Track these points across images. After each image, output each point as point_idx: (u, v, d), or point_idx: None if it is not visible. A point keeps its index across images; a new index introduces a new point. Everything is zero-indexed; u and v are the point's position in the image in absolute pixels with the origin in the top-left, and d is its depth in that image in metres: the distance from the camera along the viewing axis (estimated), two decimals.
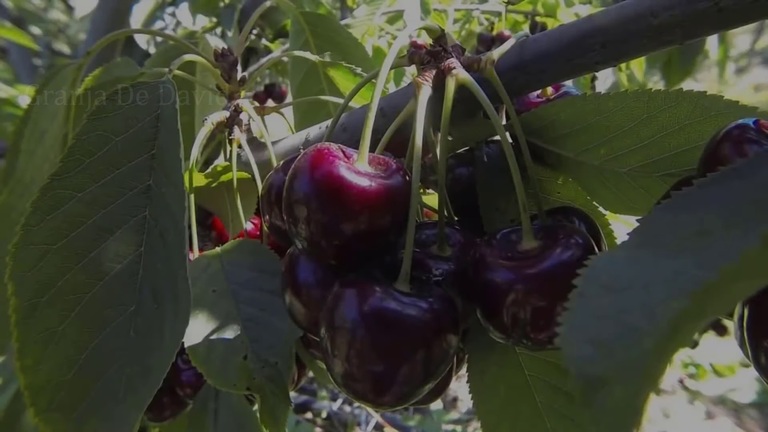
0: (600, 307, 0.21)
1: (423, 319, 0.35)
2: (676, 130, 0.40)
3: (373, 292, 0.35)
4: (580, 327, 0.21)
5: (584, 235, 0.38)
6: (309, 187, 0.36)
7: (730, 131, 0.33)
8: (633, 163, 0.42)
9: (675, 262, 0.22)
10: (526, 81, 0.44)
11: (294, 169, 0.38)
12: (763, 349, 0.32)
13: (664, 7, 0.38)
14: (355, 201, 0.35)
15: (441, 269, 0.40)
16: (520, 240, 0.39)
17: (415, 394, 0.36)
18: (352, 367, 0.35)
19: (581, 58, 0.41)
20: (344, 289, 0.37)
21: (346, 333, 0.35)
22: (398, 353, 0.34)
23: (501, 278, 0.37)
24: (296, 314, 0.43)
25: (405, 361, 0.35)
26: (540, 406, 0.51)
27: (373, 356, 0.34)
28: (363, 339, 0.34)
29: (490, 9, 2.10)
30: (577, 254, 0.36)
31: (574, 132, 0.43)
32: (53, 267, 0.41)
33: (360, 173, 0.37)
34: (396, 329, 0.35)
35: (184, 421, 0.83)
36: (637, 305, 0.21)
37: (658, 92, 0.40)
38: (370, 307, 0.35)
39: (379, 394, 0.35)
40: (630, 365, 0.19)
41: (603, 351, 0.20)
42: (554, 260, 0.36)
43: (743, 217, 0.23)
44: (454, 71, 0.41)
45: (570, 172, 0.47)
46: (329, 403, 2.86)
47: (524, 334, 0.37)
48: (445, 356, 0.36)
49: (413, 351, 0.35)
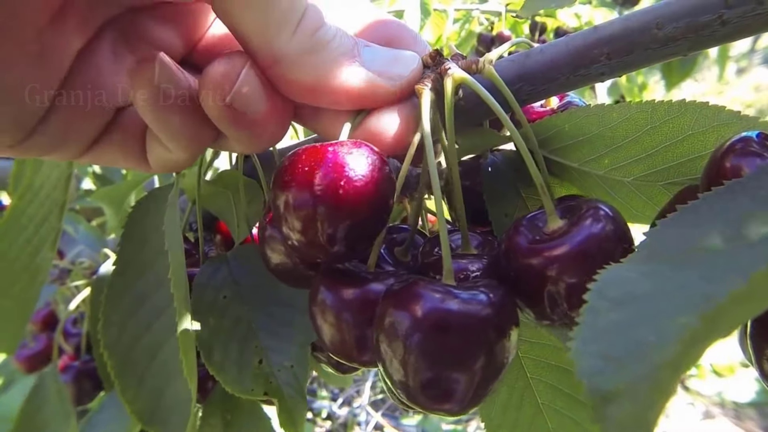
0: (610, 321, 0.22)
1: (485, 312, 0.33)
2: (680, 140, 0.41)
3: (429, 292, 0.34)
4: (591, 341, 0.21)
5: (607, 204, 0.37)
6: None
7: (734, 144, 0.33)
8: (637, 172, 0.43)
9: (682, 277, 0.23)
10: (531, 91, 0.44)
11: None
12: (766, 355, 0.33)
13: (669, 20, 0.39)
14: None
15: (477, 266, 0.39)
16: (546, 223, 0.39)
17: (483, 396, 0.35)
18: (416, 374, 0.33)
19: (586, 69, 0.42)
20: (397, 295, 0.35)
21: (405, 339, 0.33)
22: (467, 354, 0.33)
23: (534, 262, 0.37)
24: (330, 338, 0.41)
25: (476, 360, 0.33)
26: (542, 408, 0.52)
27: (440, 360, 0.33)
28: (426, 343, 0.33)
29: (490, 9, 2.11)
30: (605, 226, 0.36)
31: (578, 143, 0.44)
32: (130, 336, 0.56)
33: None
34: (462, 327, 0.33)
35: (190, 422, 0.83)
36: (645, 320, 0.21)
37: (661, 103, 0.41)
38: (429, 308, 0.33)
39: (446, 401, 0.34)
40: (640, 380, 0.19)
41: (613, 365, 0.20)
42: (583, 234, 0.36)
43: (748, 232, 0.24)
44: (450, 71, 0.42)
45: (574, 182, 0.48)
46: (329, 403, 2.87)
47: (565, 314, 0.36)
48: (510, 349, 0.35)
49: (484, 347, 0.33)
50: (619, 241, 0.36)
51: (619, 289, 0.23)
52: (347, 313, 0.38)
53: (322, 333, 0.40)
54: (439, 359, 0.33)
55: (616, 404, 0.19)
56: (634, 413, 0.19)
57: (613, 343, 0.21)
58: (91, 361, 0.93)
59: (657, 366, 0.19)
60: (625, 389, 0.19)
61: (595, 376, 0.20)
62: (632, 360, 0.20)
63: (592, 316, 0.22)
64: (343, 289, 0.39)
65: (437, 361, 0.33)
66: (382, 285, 0.38)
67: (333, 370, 0.59)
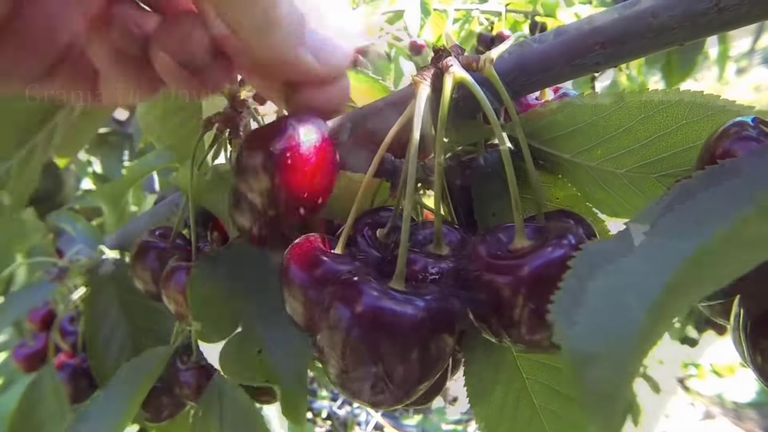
0: (592, 285, 0.22)
1: (419, 317, 0.35)
2: (674, 129, 0.40)
3: (369, 290, 0.36)
4: (571, 305, 0.21)
5: (578, 235, 0.38)
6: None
7: (728, 128, 0.33)
8: (630, 164, 0.43)
9: (670, 243, 0.22)
10: (526, 82, 0.44)
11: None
12: (760, 349, 0.32)
13: (664, 8, 0.39)
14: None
15: (438, 268, 0.40)
16: (512, 239, 0.39)
17: (411, 394, 0.36)
18: (348, 366, 0.35)
19: (581, 59, 0.42)
20: (339, 289, 0.37)
21: (341, 332, 0.35)
22: (394, 353, 0.35)
23: (488, 277, 0.37)
24: (294, 315, 0.44)
25: (401, 360, 0.35)
26: (538, 409, 0.51)
27: (368, 356, 0.34)
28: (358, 339, 0.35)
29: (490, 9, 2.11)
30: (568, 254, 0.36)
31: (570, 133, 0.43)
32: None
33: None
34: (391, 328, 0.35)
35: (183, 422, 0.83)
36: (628, 282, 0.21)
37: (655, 92, 0.40)
38: (365, 306, 0.35)
39: (376, 394, 0.35)
40: (621, 341, 0.19)
41: (593, 328, 0.20)
42: (542, 260, 0.36)
43: (735, 207, 0.23)
44: (451, 69, 0.42)
45: (566, 174, 0.47)
46: (329, 403, 2.86)
47: (513, 334, 0.37)
48: (441, 355, 0.36)
49: (409, 350, 0.35)
50: None
51: (603, 255, 0.23)
52: (310, 290, 0.40)
53: (286, 304, 0.42)
54: (369, 356, 0.34)
55: (594, 366, 0.19)
56: (613, 375, 0.19)
57: (593, 306, 0.21)
58: (87, 359, 0.92)
59: (639, 326, 0.19)
60: (606, 351, 0.19)
61: (574, 339, 0.20)
62: (613, 322, 0.20)
63: (573, 281, 0.22)
64: (305, 267, 0.41)
65: (368, 358, 0.35)
66: (339, 268, 0.40)
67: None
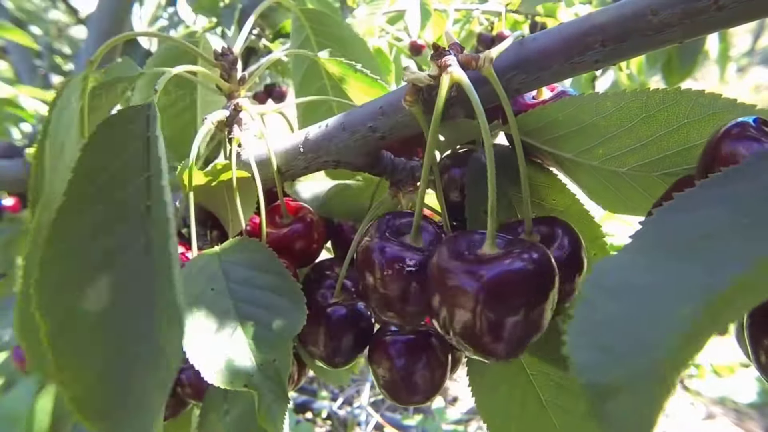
0: (606, 313, 0.21)
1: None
2: (675, 129, 0.40)
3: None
4: (587, 334, 0.20)
5: (543, 252, 0.38)
6: None
7: (730, 129, 0.32)
8: (631, 162, 0.42)
9: (682, 267, 0.21)
10: (525, 80, 0.44)
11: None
12: (764, 347, 0.32)
13: (664, 5, 0.38)
14: None
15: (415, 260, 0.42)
16: (482, 244, 0.39)
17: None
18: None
19: (580, 57, 0.41)
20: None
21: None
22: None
23: (446, 276, 0.38)
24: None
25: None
26: (545, 404, 0.51)
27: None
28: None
29: (490, 9, 2.10)
30: (525, 270, 0.37)
31: (572, 132, 0.43)
32: (72, 297, 0.40)
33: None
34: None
35: (185, 421, 0.83)
36: (645, 313, 0.20)
37: (656, 91, 0.40)
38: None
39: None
40: (640, 374, 0.18)
41: (612, 359, 0.19)
42: (496, 271, 0.37)
43: (750, 219, 0.23)
44: (450, 68, 0.41)
45: (568, 173, 0.47)
46: (329, 403, 2.86)
47: (459, 337, 0.38)
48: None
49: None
50: (535, 292, 0.38)
51: (616, 280, 0.22)
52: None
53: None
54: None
55: (614, 400, 0.18)
56: (634, 409, 0.18)
57: (610, 336, 0.20)
58: None
59: (658, 360, 0.18)
60: (625, 384, 0.18)
61: (591, 371, 0.19)
62: (631, 354, 0.19)
63: (587, 307, 0.21)
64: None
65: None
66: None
67: (323, 363, 0.58)
